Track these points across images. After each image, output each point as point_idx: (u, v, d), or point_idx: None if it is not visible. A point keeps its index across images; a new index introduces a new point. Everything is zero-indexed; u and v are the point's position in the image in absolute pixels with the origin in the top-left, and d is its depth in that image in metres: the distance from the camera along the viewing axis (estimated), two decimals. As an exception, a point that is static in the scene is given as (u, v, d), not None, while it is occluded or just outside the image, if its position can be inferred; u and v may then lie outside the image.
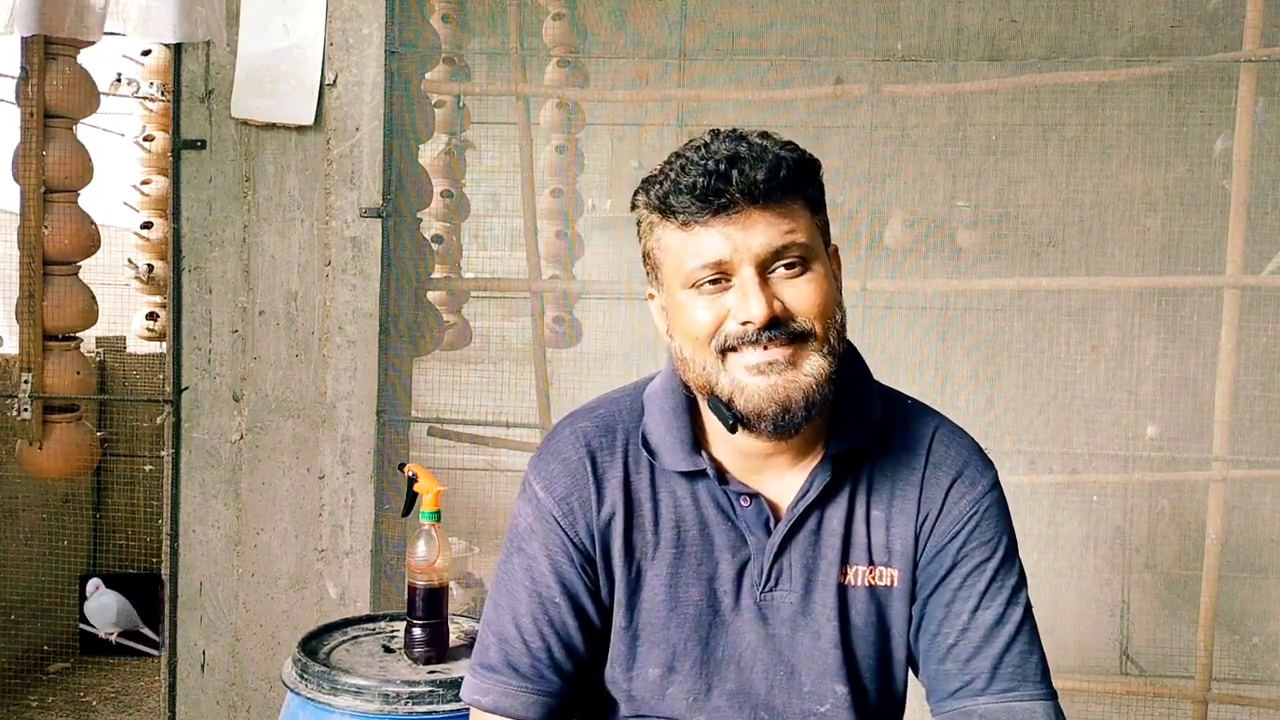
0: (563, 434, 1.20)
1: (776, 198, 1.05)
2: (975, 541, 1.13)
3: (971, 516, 1.14)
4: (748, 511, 1.14)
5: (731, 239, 1.05)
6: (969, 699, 1.11)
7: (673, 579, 1.15)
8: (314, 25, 2.78)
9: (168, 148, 3.12)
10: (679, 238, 1.08)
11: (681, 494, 1.16)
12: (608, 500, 1.16)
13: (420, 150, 3.20)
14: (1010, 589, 1.13)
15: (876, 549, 1.14)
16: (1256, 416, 3.82)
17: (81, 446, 3.02)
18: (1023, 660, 1.11)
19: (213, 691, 2.88)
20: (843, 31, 3.33)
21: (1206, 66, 3.10)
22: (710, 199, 1.04)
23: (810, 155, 1.10)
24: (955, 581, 1.13)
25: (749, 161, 1.04)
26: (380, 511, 2.86)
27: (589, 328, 4.68)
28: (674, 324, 1.12)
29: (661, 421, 1.16)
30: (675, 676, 1.16)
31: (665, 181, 1.08)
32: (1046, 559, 4.29)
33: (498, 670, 1.17)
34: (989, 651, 1.11)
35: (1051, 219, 4.63)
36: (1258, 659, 4.14)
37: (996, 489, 1.17)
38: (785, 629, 1.14)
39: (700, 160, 1.05)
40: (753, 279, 1.05)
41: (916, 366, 3.92)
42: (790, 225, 1.06)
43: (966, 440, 1.19)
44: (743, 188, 1.04)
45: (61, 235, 2.93)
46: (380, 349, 2.83)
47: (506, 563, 1.20)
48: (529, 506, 1.19)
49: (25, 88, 2.90)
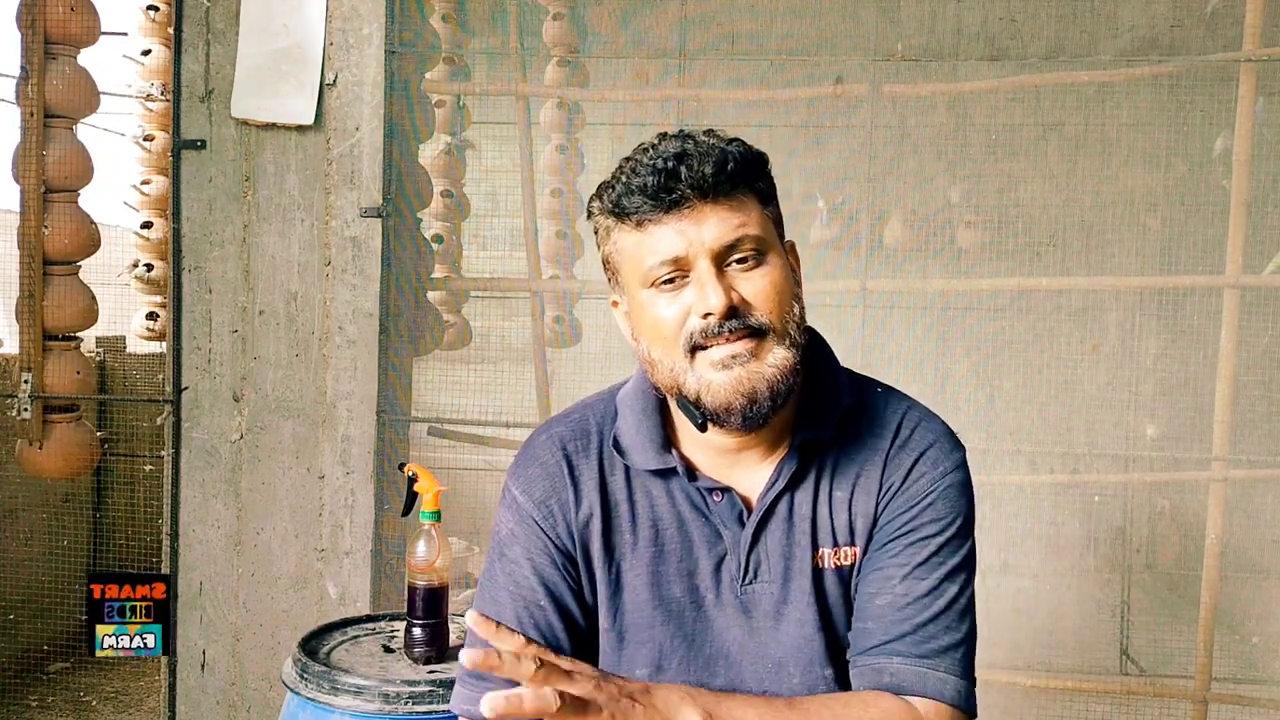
0: (539, 440, 1.22)
1: (726, 191, 1.07)
2: (927, 516, 1.13)
3: (930, 493, 1.14)
4: (720, 506, 1.15)
5: (685, 234, 1.06)
6: (883, 657, 1.10)
7: (654, 578, 1.16)
8: (314, 25, 2.78)
9: (168, 148, 3.12)
10: (634, 238, 1.10)
11: (657, 493, 1.17)
12: (585, 501, 1.17)
13: (420, 150, 3.20)
14: (951, 568, 1.13)
15: (840, 530, 1.15)
16: (1256, 416, 3.82)
17: (81, 446, 3.03)
18: (947, 635, 1.11)
19: (213, 691, 2.88)
20: (843, 31, 3.33)
21: (1206, 66, 3.10)
22: (661, 196, 1.06)
23: (757, 150, 1.12)
24: (896, 549, 1.13)
25: (696, 157, 1.06)
26: (380, 511, 2.86)
27: (589, 328, 4.68)
28: (638, 326, 1.13)
29: (633, 423, 1.18)
30: (664, 675, 1.16)
31: (617, 185, 1.10)
32: (1046, 559, 4.30)
33: (485, 677, 1.16)
34: (914, 619, 1.11)
35: (1051, 219, 4.63)
36: (1258, 659, 4.14)
37: (961, 470, 1.17)
38: (768, 621, 1.15)
39: (649, 161, 1.07)
40: (709, 271, 1.06)
41: (916, 366, 3.92)
42: (742, 219, 1.07)
43: (936, 423, 1.20)
44: (692, 183, 1.06)
45: (61, 235, 2.94)
46: (380, 349, 2.83)
47: (489, 570, 1.21)
48: (509, 512, 1.20)
49: (25, 88, 2.90)
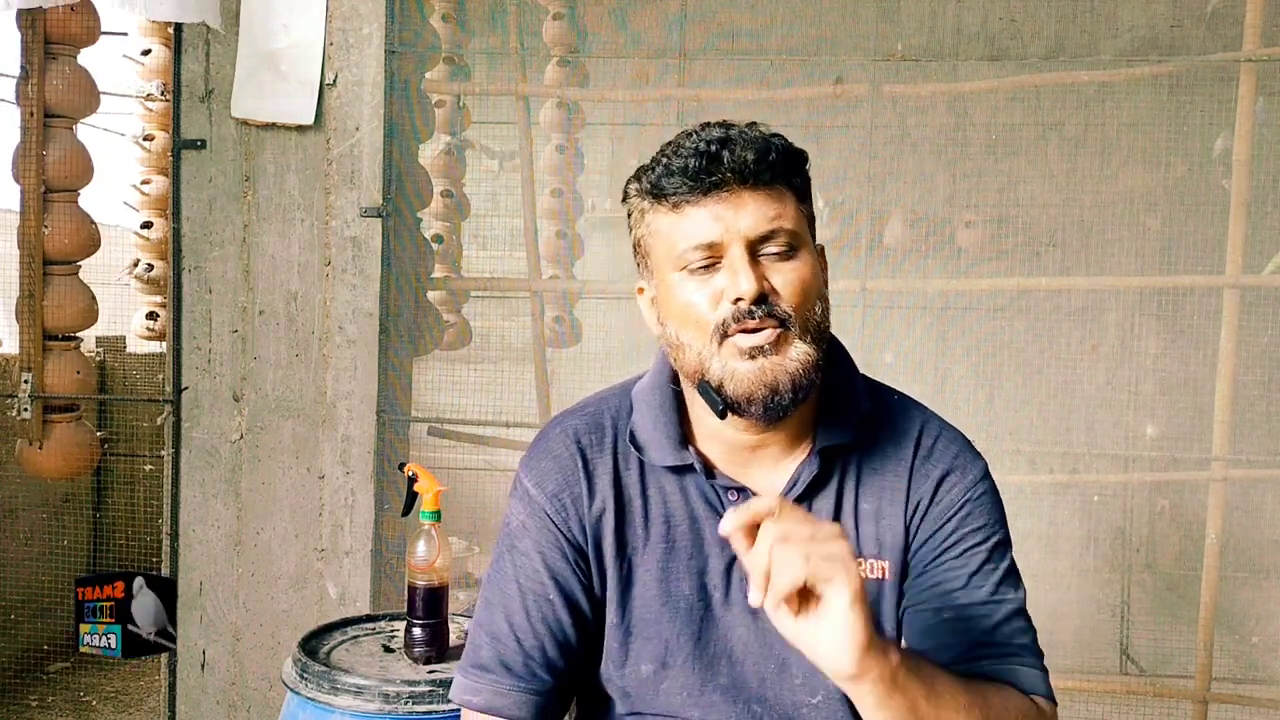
0: (553, 432, 1.21)
1: (766, 179, 1.07)
2: (968, 527, 1.14)
3: (964, 504, 1.14)
4: (736, 505, 1.14)
5: (722, 219, 1.06)
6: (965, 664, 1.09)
7: (664, 574, 1.16)
8: (314, 25, 2.77)
9: (168, 148, 3.12)
10: (670, 220, 1.10)
11: (671, 489, 1.17)
12: (598, 495, 1.17)
13: (420, 150, 3.20)
14: (1003, 573, 1.13)
15: (866, 541, 1.15)
16: (1256, 416, 3.82)
17: (81, 446, 3.03)
18: (1020, 635, 1.11)
19: (213, 691, 2.89)
20: (843, 31, 3.32)
21: (1206, 66, 3.10)
22: (701, 178, 1.06)
23: (799, 146, 1.12)
24: (946, 562, 1.13)
25: (739, 144, 1.06)
26: (380, 511, 2.86)
27: (589, 328, 4.67)
28: (666, 310, 1.13)
29: (649, 417, 1.17)
30: (669, 672, 1.16)
31: (656, 168, 1.10)
32: (1046, 559, 4.29)
33: (490, 669, 1.17)
34: (984, 624, 1.11)
35: (1051, 219, 4.62)
36: (1258, 659, 4.14)
37: (988, 479, 1.17)
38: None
39: (691, 144, 1.08)
40: (742, 257, 1.06)
41: (916, 366, 3.92)
42: (779, 210, 1.08)
43: (954, 433, 1.20)
44: (733, 167, 1.06)
45: (61, 235, 2.94)
46: (380, 349, 2.83)
47: (499, 562, 1.21)
48: (521, 504, 1.20)
49: (25, 88, 2.90)
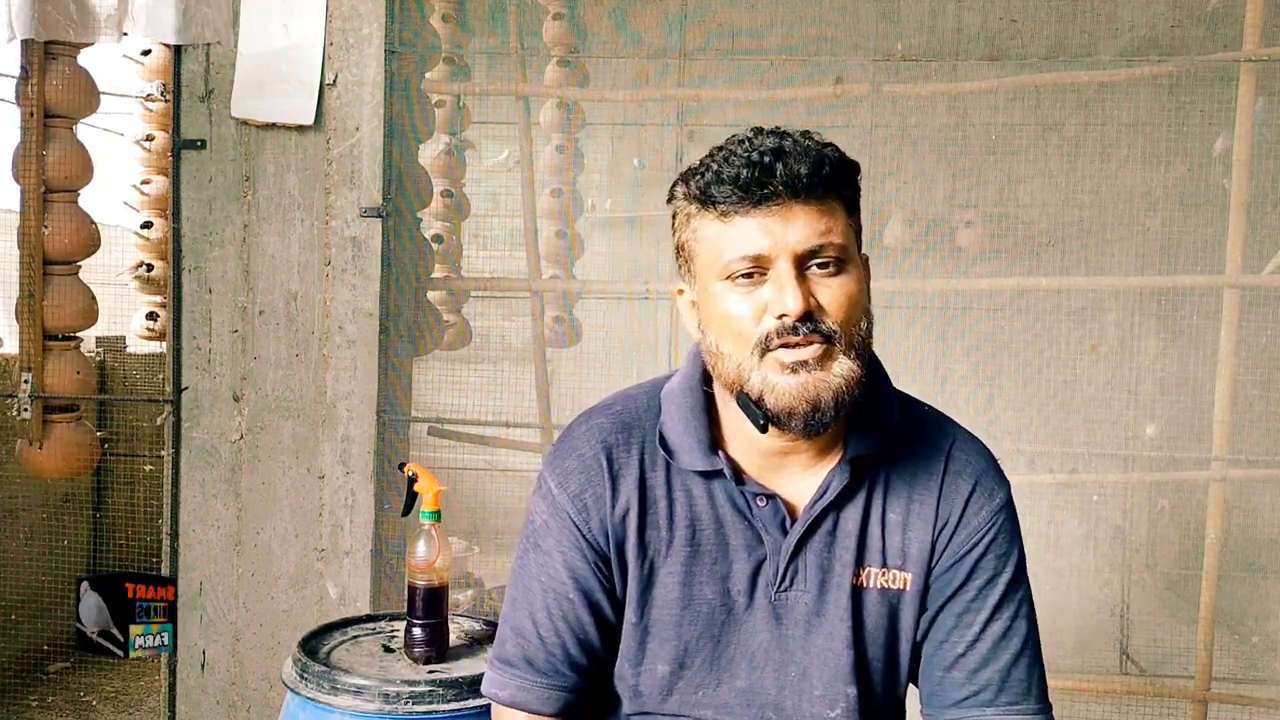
0: (578, 431, 1.21)
1: (818, 194, 1.05)
2: (992, 554, 1.14)
3: (990, 528, 1.15)
4: (764, 511, 1.14)
5: (771, 231, 1.04)
6: (975, 709, 1.12)
7: (687, 577, 1.16)
8: (314, 25, 2.78)
9: (168, 148, 3.12)
10: (717, 228, 1.08)
11: (697, 493, 1.16)
12: (622, 496, 1.16)
13: (420, 150, 3.20)
14: (1018, 602, 1.15)
15: (891, 552, 1.15)
16: (1256, 416, 3.82)
17: (81, 446, 3.02)
18: (1028, 675, 1.14)
19: (213, 691, 2.89)
20: (843, 31, 3.32)
21: (1206, 66, 3.10)
22: (753, 190, 1.04)
23: (851, 158, 1.10)
24: (970, 593, 1.14)
25: (793, 156, 1.04)
26: (380, 511, 2.86)
27: (589, 328, 4.68)
28: (707, 318, 1.11)
29: (679, 420, 1.16)
30: (685, 673, 1.16)
31: (707, 173, 1.08)
32: (1046, 559, 4.29)
33: (514, 665, 1.19)
34: (996, 664, 1.13)
35: (1051, 219, 4.62)
36: (1257, 659, 4.14)
37: (1010, 504, 1.18)
38: (799, 629, 1.15)
39: (744, 153, 1.06)
40: (789, 272, 1.04)
41: (916, 366, 3.92)
42: (828, 224, 1.06)
43: (983, 450, 1.20)
44: (785, 180, 1.04)
45: (61, 235, 2.93)
46: (380, 349, 2.83)
47: (523, 559, 1.21)
48: (544, 503, 1.19)
49: (25, 88, 2.90)
